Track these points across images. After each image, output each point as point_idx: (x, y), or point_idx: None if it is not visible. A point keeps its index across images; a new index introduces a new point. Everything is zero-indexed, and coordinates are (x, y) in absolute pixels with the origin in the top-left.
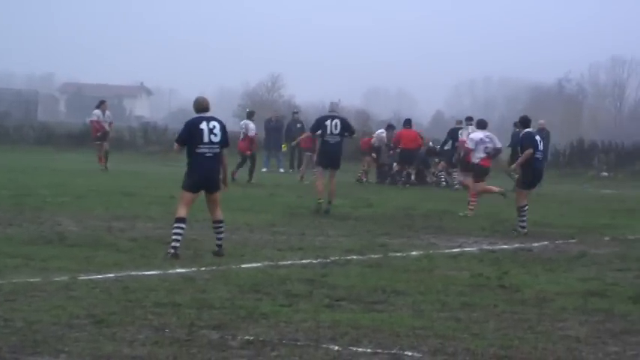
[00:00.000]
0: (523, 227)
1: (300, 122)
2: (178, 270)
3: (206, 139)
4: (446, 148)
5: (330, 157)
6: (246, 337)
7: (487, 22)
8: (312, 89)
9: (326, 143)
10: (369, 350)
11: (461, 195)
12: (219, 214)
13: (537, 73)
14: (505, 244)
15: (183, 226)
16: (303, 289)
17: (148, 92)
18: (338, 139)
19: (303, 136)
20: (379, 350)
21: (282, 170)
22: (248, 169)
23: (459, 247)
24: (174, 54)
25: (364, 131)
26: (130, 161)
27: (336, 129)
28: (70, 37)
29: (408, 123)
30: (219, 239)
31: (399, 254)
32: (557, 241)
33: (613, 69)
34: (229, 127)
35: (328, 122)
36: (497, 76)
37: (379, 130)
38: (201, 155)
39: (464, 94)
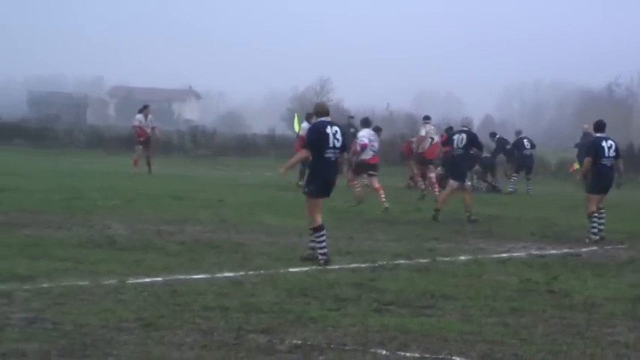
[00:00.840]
0: (594, 234)
1: (354, 127)
2: (226, 274)
3: (331, 143)
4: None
5: (454, 168)
6: (294, 341)
7: (537, 25)
8: (361, 93)
9: (452, 156)
10: (417, 355)
11: (512, 199)
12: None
13: (587, 77)
14: (554, 249)
15: (323, 232)
16: (352, 294)
17: (197, 96)
18: (461, 152)
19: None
20: (427, 355)
21: None
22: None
23: (507, 252)
24: (223, 57)
25: (405, 136)
26: (178, 165)
27: (461, 143)
28: (120, 40)
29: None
30: (312, 246)
31: (447, 259)
32: (606, 247)
33: None
34: (280, 131)
35: (456, 137)
36: (547, 80)
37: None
38: (327, 160)
39: (513, 97)
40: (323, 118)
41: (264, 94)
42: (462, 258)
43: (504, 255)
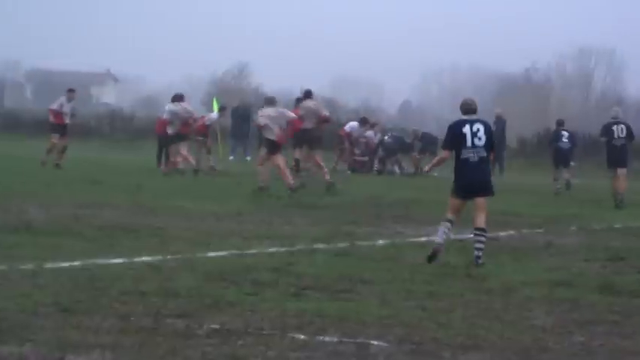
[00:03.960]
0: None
1: None
2: (144, 258)
3: (469, 143)
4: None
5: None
6: (212, 326)
7: (454, 9)
8: (280, 77)
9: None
10: (335, 339)
11: (430, 182)
12: (482, 222)
13: (505, 62)
14: (472, 232)
15: (448, 225)
16: (270, 278)
17: (115, 79)
18: (623, 141)
19: None
20: (345, 339)
21: (248, 158)
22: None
23: (425, 235)
24: (141, 41)
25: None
26: (96, 149)
27: (622, 133)
28: (37, 23)
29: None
30: (478, 249)
31: (365, 243)
32: (523, 231)
33: (580, 59)
34: (199, 115)
35: (615, 128)
36: (465, 65)
37: (352, 123)
38: (465, 160)
39: (431, 82)
40: (466, 117)
41: (183, 78)
42: (381, 242)
43: (423, 239)
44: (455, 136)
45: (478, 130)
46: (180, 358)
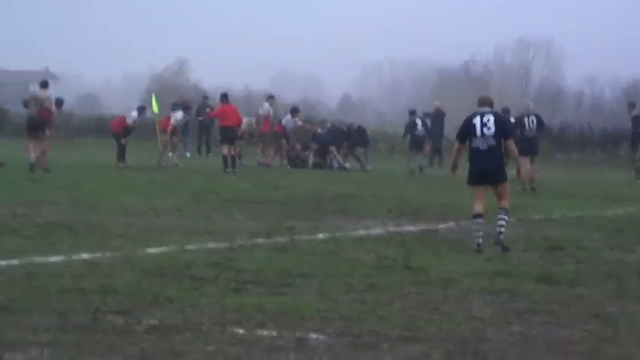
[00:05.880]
0: None
1: (210, 107)
2: (83, 256)
3: (479, 132)
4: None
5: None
6: (151, 322)
7: (393, 3)
8: (219, 73)
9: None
10: (274, 333)
11: (368, 177)
12: (505, 203)
13: (444, 55)
14: (411, 225)
15: (480, 221)
16: (209, 273)
17: (54, 77)
18: (534, 133)
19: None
20: (284, 333)
21: (188, 154)
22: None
23: (365, 229)
24: (79, 39)
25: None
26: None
27: (533, 124)
28: None
29: (225, 98)
30: (500, 225)
31: (305, 237)
32: (462, 222)
33: (518, 51)
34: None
35: (526, 120)
36: (403, 59)
37: (287, 117)
38: (475, 149)
39: (371, 76)
40: (479, 109)
41: (122, 75)
42: (320, 236)
43: (362, 232)
44: (466, 127)
45: (488, 120)
46: (118, 355)
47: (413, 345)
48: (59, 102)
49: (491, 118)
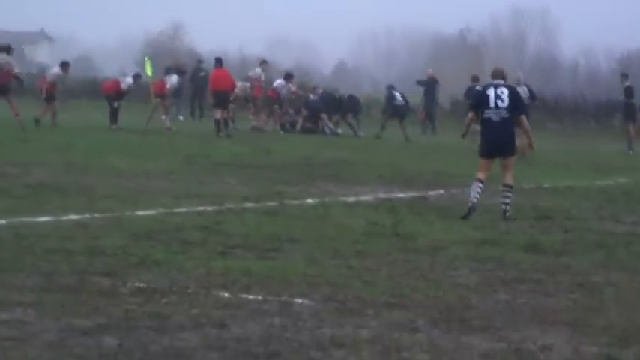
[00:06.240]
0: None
1: (204, 71)
2: (72, 217)
3: (492, 104)
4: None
5: None
6: (137, 284)
7: None
8: (215, 37)
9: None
10: (259, 297)
11: (361, 143)
12: (509, 179)
13: (440, 24)
14: (401, 192)
15: (481, 185)
16: (198, 237)
17: (49, 39)
18: (526, 102)
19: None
20: (269, 297)
21: (181, 118)
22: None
23: (355, 195)
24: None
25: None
26: (28, 107)
27: (525, 94)
28: None
29: (219, 62)
30: (505, 203)
31: (295, 202)
32: (452, 190)
33: (514, 20)
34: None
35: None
36: (399, 27)
37: (278, 81)
38: (487, 120)
39: (366, 43)
40: (493, 81)
41: (116, 37)
42: (310, 201)
43: (352, 198)
44: (479, 98)
45: (502, 92)
46: (103, 316)
47: (398, 311)
48: (65, 64)
49: (506, 91)
